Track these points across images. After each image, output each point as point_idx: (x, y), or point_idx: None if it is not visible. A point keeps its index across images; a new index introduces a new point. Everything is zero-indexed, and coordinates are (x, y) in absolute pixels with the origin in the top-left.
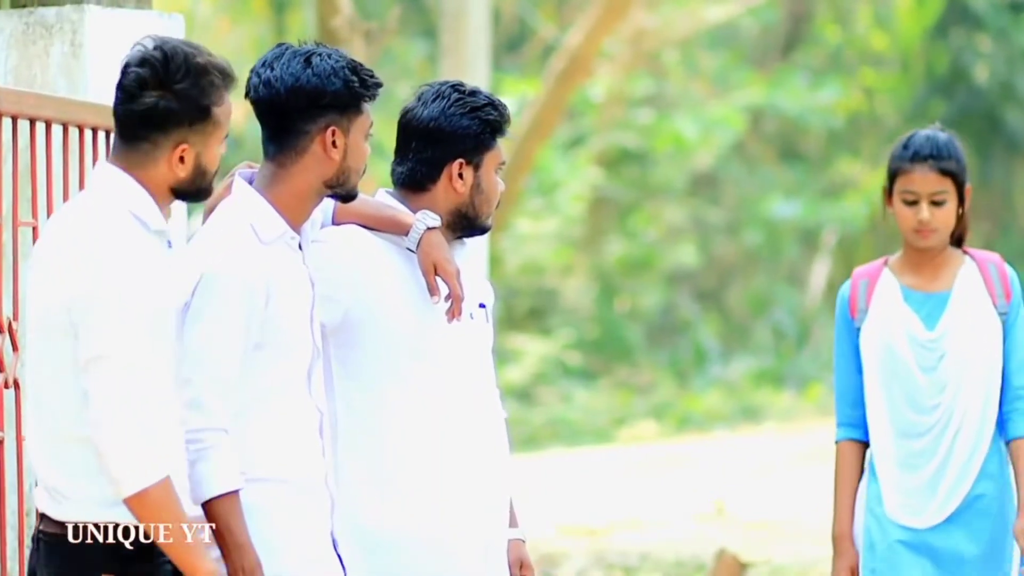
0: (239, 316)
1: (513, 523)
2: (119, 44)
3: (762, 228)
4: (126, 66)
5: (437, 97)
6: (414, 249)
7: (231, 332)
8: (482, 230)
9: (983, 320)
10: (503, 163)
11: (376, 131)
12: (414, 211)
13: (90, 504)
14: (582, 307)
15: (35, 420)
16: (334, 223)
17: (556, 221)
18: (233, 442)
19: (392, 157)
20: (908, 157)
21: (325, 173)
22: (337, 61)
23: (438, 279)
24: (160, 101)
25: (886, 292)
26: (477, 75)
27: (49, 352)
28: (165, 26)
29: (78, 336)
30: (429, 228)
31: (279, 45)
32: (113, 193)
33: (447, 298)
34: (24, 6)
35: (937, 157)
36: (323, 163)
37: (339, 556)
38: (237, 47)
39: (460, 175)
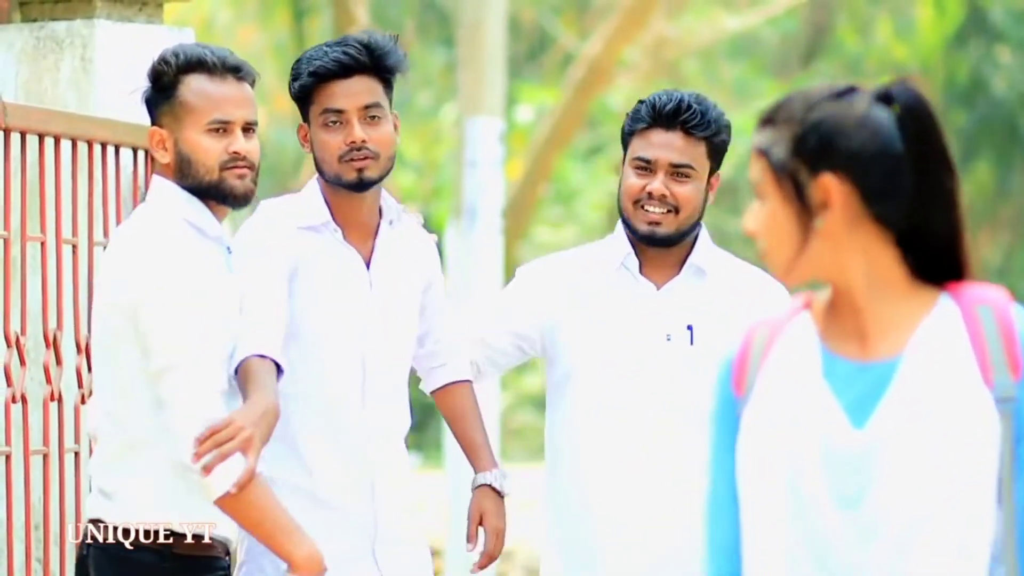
0: (270, 256)
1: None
2: (129, 59)
3: None
4: None
5: None
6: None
7: (265, 266)
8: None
9: (961, 412)
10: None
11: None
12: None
13: (140, 507)
14: None
15: (102, 426)
16: None
17: (575, 230)
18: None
19: (412, 164)
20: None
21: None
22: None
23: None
24: (145, 93)
25: (793, 356)
26: (494, 85)
27: (116, 363)
28: (176, 40)
29: (146, 347)
30: None
31: None
32: (166, 202)
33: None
34: (35, 20)
35: None
36: (312, 158)
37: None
38: (258, 53)
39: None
